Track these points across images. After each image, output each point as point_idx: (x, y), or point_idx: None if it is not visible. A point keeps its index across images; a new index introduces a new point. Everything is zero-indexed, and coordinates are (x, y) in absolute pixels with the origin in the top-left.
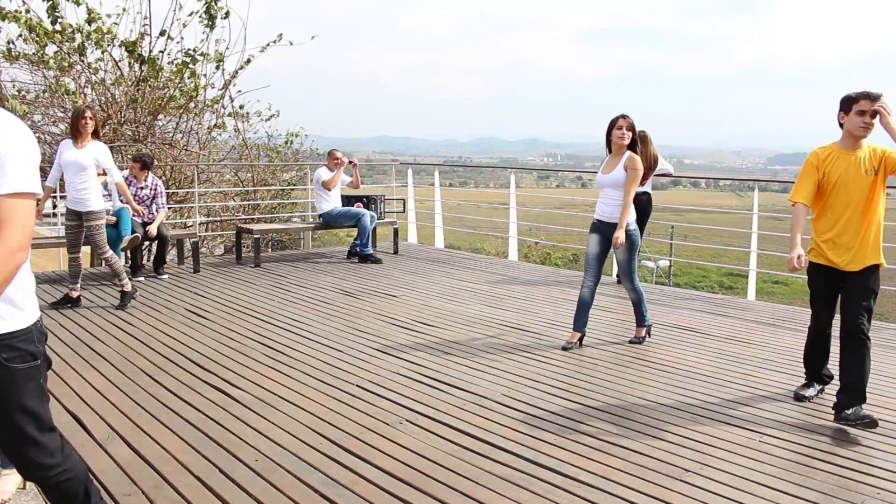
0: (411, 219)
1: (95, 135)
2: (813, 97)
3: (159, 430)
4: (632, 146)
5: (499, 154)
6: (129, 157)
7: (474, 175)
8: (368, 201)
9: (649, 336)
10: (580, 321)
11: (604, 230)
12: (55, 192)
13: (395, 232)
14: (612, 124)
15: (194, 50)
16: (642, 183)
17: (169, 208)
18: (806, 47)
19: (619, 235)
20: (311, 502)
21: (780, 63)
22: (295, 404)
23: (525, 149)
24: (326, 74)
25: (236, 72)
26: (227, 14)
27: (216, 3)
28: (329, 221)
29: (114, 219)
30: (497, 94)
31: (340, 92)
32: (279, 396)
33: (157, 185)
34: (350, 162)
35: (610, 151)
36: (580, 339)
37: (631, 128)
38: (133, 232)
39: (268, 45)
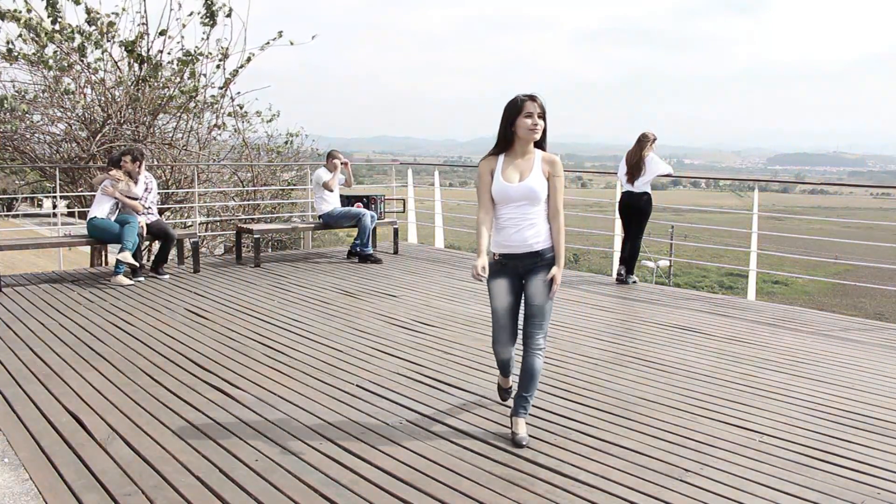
0: (411, 219)
1: None
2: (813, 97)
3: (159, 430)
4: (541, 142)
5: None
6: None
7: (474, 175)
8: (368, 201)
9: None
10: (508, 370)
11: (515, 268)
12: (54, 193)
13: (395, 232)
14: (517, 109)
15: (195, 50)
16: (632, 182)
17: (168, 208)
18: (806, 47)
19: (559, 275)
20: (311, 502)
21: (781, 63)
22: (295, 404)
23: None
24: (326, 74)
25: (236, 71)
26: (231, 12)
27: (216, 1)
28: (329, 222)
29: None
30: (497, 94)
31: (340, 92)
32: (279, 396)
33: (148, 181)
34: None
35: (504, 148)
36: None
37: (544, 114)
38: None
39: (267, 43)
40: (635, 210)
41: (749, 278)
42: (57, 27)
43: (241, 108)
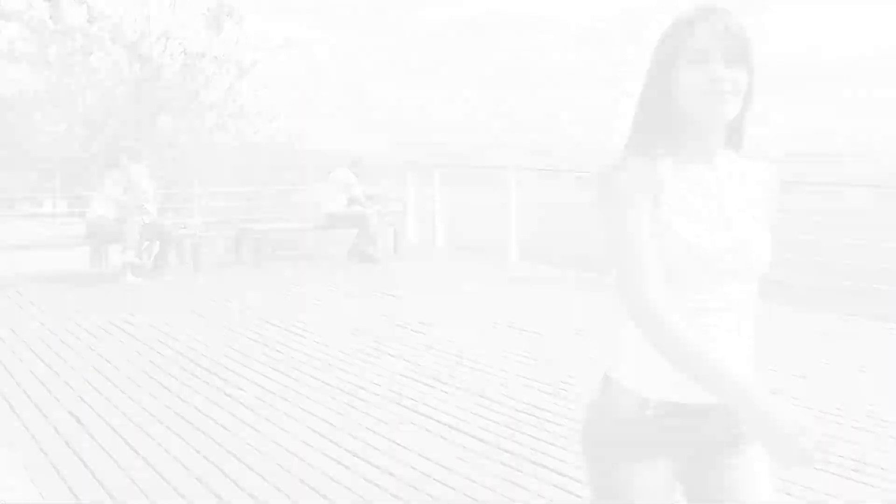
0: (411, 219)
1: None
2: (813, 97)
3: (159, 430)
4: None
5: None
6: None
7: (485, 176)
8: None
9: None
10: None
11: (684, 439)
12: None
13: (396, 232)
14: (673, 45)
15: (196, 51)
16: None
17: (168, 208)
18: (806, 47)
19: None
20: (311, 502)
21: (781, 63)
22: (295, 404)
23: None
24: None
25: (240, 75)
26: (231, 14)
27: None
28: (334, 221)
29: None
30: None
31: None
32: (279, 396)
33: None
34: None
35: (660, 139)
36: None
37: (745, 57)
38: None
39: (275, 52)
40: None
41: None
42: (60, 27)
43: (241, 108)
